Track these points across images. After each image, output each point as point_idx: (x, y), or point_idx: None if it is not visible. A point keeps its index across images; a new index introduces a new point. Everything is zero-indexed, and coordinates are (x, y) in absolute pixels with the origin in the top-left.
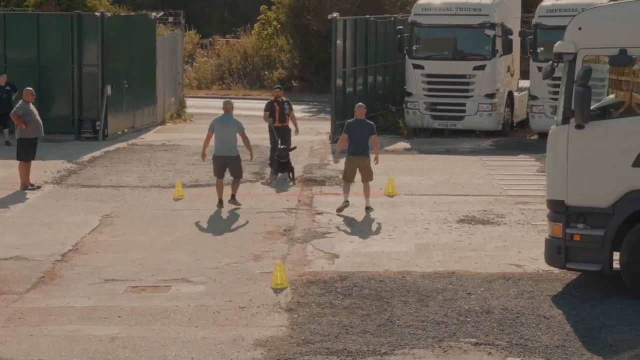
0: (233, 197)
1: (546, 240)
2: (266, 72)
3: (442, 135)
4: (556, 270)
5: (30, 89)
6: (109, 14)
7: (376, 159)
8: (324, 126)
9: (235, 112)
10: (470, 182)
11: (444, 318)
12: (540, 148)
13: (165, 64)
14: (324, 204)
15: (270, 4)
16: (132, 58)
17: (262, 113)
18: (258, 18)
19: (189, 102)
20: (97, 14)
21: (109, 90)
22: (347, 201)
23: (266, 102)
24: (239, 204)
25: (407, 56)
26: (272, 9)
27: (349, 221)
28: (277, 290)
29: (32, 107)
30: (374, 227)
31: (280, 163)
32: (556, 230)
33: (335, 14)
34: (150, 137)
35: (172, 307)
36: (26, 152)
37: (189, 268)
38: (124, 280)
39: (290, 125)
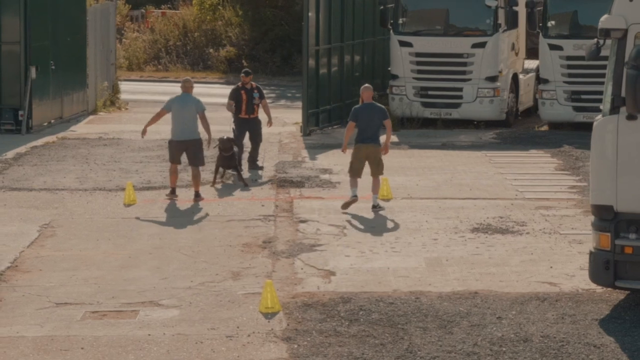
0: (197, 194)
1: (590, 253)
2: (211, 50)
3: (434, 126)
4: (599, 290)
5: None
6: None
7: (385, 148)
8: (290, 115)
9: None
10: (478, 182)
11: (474, 348)
12: (554, 141)
13: (97, 41)
14: (307, 209)
15: None
16: (58, 33)
17: (211, 99)
18: None
19: (121, 86)
20: None
21: (33, 72)
22: (356, 196)
23: (231, 88)
24: (202, 198)
25: (392, 31)
26: None
27: (341, 230)
28: (268, 315)
29: None
30: (372, 237)
31: (223, 157)
32: (603, 242)
33: None
34: (82, 129)
35: (144, 337)
36: None
37: (156, 289)
38: (80, 304)
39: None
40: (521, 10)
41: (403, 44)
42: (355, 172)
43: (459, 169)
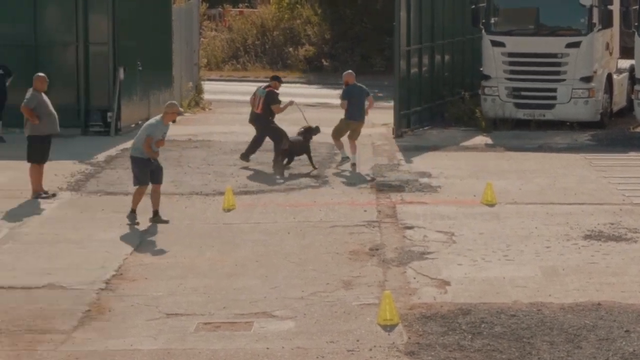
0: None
1: None
2: (290, 49)
3: (527, 127)
4: None
5: (43, 75)
6: None
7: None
8: (377, 115)
9: None
10: (581, 187)
11: None
12: None
13: (181, 41)
14: (411, 215)
15: None
16: (145, 34)
17: (285, 99)
18: None
19: (203, 86)
20: None
21: (121, 73)
22: (348, 157)
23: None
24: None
25: (484, 31)
26: None
27: (449, 237)
28: (387, 328)
29: (45, 97)
30: (482, 245)
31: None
32: None
33: None
34: (170, 130)
35: (262, 351)
36: (39, 153)
37: (268, 299)
38: (191, 314)
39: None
40: (616, 8)
41: (495, 43)
42: (340, 136)
43: (559, 173)
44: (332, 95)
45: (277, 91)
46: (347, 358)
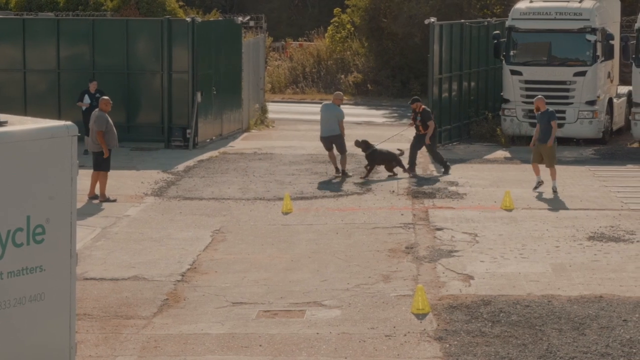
0: (343, 172)
1: None
2: (341, 76)
3: None
4: None
5: (107, 97)
6: (199, 19)
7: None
8: (412, 133)
9: (312, 117)
10: (586, 194)
11: (607, 349)
12: None
13: (250, 69)
14: (441, 218)
15: (343, 7)
16: (219, 63)
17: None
18: (331, 21)
19: (268, 107)
20: (189, 19)
21: (199, 97)
22: (542, 181)
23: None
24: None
25: (504, 62)
26: (346, 12)
27: (473, 237)
28: (420, 316)
29: (107, 116)
30: (501, 244)
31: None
32: None
33: (432, 19)
34: (239, 144)
35: (313, 335)
36: (107, 163)
37: (318, 290)
38: (253, 303)
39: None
40: (616, 43)
41: (514, 72)
42: (537, 160)
43: (567, 182)
44: (376, 115)
45: (427, 108)
46: (385, 342)
